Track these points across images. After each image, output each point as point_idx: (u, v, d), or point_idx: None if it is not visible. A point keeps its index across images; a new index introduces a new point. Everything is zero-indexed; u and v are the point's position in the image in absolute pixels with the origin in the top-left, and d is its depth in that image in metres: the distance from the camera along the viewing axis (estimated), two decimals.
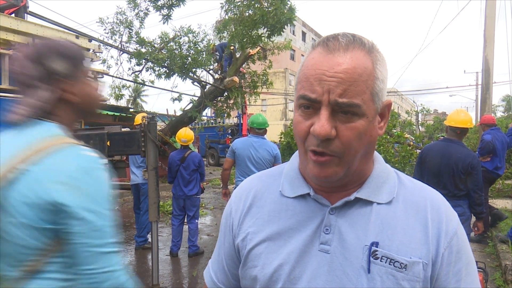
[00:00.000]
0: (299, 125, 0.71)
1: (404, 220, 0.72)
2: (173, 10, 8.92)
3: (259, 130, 4.45)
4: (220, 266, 0.89)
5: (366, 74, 0.67)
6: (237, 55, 10.50)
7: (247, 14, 8.18)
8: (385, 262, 0.69)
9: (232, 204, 0.88)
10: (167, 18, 8.84)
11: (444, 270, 0.70)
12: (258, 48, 9.66)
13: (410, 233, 0.71)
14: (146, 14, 9.30)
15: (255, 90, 10.83)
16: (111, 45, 9.40)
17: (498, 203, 7.67)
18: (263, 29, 8.14)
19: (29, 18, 8.20)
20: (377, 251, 0.69)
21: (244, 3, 8.19)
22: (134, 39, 9.44)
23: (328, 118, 0.66)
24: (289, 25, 7.86)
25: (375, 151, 0.80)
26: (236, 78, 9.95)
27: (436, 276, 0.70)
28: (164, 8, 8.88)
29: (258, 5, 7.95)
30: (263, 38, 8.45)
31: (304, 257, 0.73)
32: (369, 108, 0.68)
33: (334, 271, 0.71)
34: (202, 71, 10.56)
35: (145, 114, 4.98)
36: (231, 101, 10.88)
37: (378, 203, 0.74)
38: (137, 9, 9.13)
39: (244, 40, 8.29)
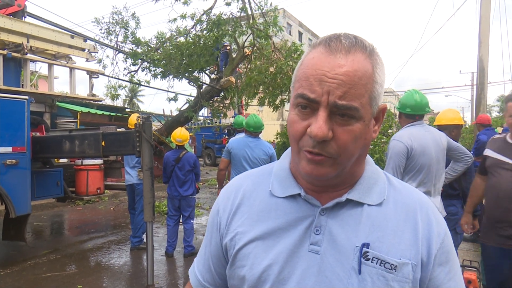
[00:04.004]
0: (294, 125, 0.70)
1: (394, 222, 0.73)
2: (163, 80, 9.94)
3: (255, 133, 4.45)
4: (206, 265, 0.89)
5: (366, 77, 0.67)
6: (233, 55, 10.50)
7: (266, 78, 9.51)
8: (376, 263, 0.69)
9: (220, 203, 0.87)
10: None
11: (437, 270, 0.71)
12: (255, 48, 9.74)
13: (400, 234, 0.72)
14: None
15: (249, 67, 10.84)
16: (107, 45, 9.37)
17: None
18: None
19: (27, 18, 8.18)
20: (368, 252, 0.70)
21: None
22: (130, 39, 9.42)
23: (326, 120, 0.65)
24: (286, 25, 8.47)
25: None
26: (232, 78, 9.94)
27: (428, 276, 0.71)
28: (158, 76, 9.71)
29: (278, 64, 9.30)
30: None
31: (293, 257, 0.73)
32: (367, 112, 0.68)
33: (324, 271, 0.71)
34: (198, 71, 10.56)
35: (138, 115, 4.98)
36: (228, 101, 10.88)
37: (369, 205, 0.74)
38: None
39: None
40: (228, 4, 9.11)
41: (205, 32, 9.07)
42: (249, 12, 9.12)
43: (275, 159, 4.44)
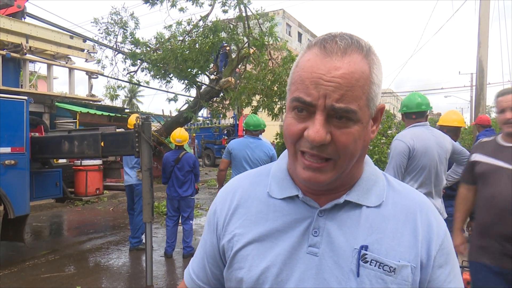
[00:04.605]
0: (291, 127, 0.69)
1: (393, 224, 0.72)
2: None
3: (255, 131, 4.46)
4: (201, 264, 0.88)
5: (363, 79, 0.65)
6: (233, 55, 10.50)
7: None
8: (375, 266, 0.68)
9: (217, 204, 0.86)
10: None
11: (436, 272, 0.71)
12: (253, 49, 9.78)
13: (399, 236, 0.71)
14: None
15: (243, 75, 10.86)
16: (106, 45, 9.36)
17: None
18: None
19: (27, 19, 8.18)
20: (366, 254, 0.69)
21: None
22: (129, 39, 9.41)
23: (323, 124, 0.64)
24: (286, 26, 8.58)
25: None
26: (231, 79, 9.94)
27: (428, 278, 0.70)
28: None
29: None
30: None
31: (292, 259, 0.72)
32: (364, 113, 0.67)
33: (322, 274, 0.70)
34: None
35: (137, 115, 4.98)
36: (227, 102, 10.87)
37: (368, 206, 0.73)
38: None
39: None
40: (225, 11, 9.16)
41: (201, 37, 9.07)
42: (245, 21, 9.19)
43: (275, 160, 4.41)
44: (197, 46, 8.93)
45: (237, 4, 8.82)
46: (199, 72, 9.53)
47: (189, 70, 9.01)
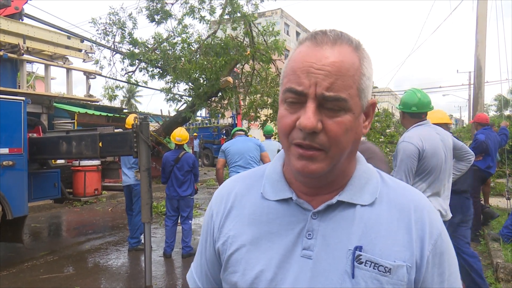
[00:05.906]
0: (283, 119, 0.69)
1: (388, 223, 0.71)
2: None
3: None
4: (203, 271, 0.88)
5: (353, 69, 0.66)
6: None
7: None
8: (369, 267, 0.68)
9: (213, 207, 0.86)
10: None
11: (429, 272, 0.70)
12: (261, 65, 9.97)
13: (393, 236, 0.70)
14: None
15: (249, 90, 10.85)
16: (104, 46, 9.34)
17: (491, 201, 7.73)
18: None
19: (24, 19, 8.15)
20: (361, 255, 0.68)
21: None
22: (127, 39, 9.38)
23: (314, 111, 0.64)
24: (284, 25, 8.78)
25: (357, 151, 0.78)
26: (230, 78, 9.92)
27: (421, 278, 0.69)
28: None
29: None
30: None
31: (286, 263, 0.72)
32: (356, 103, 0.67)
33: (317, 277, 0.69)
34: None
35: (136, 115, 4.97)
36: (225, 101, 10.85)
37: (361, 205, 0.72)
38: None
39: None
40: (234, 29, 9.26)
41: (214, 57, 9.16)
42: (251, 37, 9.33)
43: (264, 148, 5.21)
44: (208, 65, 9.08)
45: (245, 22, 8.96)
46: (211, 91, 9.60)
47: (200, 88, 9.31)
